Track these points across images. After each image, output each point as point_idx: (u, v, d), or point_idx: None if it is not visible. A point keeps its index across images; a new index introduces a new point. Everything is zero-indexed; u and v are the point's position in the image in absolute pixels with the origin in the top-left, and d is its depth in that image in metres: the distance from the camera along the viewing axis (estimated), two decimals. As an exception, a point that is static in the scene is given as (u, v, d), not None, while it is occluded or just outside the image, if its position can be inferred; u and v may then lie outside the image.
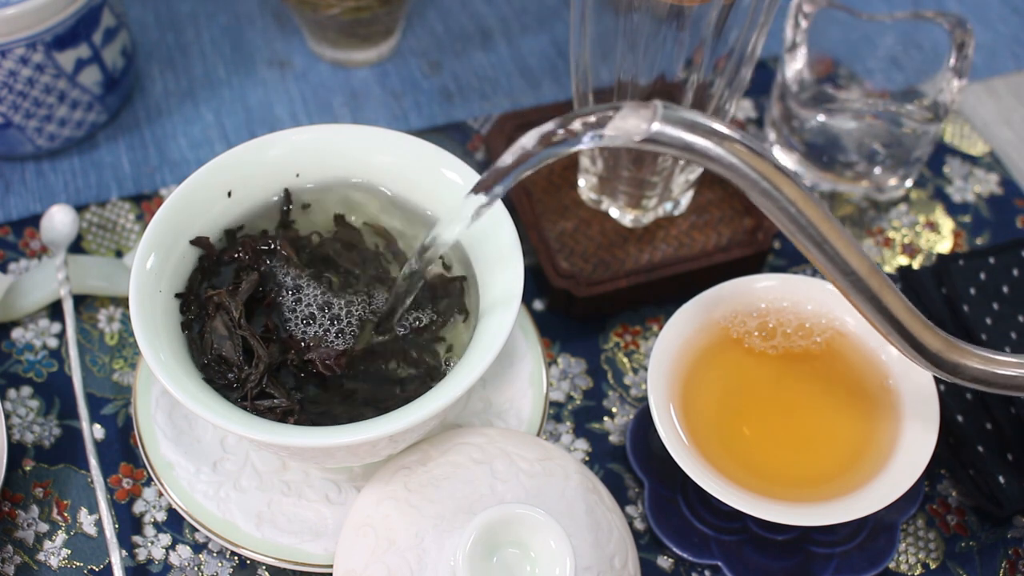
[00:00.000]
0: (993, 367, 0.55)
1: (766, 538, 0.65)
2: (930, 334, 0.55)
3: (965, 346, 0.55)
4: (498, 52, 0.89)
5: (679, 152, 0.50)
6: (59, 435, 0.69)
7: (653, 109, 0.50)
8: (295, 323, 0.60)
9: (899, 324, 0.54)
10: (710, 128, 0.50)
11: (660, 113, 0.50)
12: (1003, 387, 0.55)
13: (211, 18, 0.90)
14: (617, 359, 0.73)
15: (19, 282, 0.72)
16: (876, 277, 0.53)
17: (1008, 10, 0.94)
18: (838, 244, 0.52)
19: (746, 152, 0.50)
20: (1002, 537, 0.67)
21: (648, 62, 0.63)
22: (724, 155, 0.50)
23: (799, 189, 0.51)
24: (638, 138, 0.50)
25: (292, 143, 0.64)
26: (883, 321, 0.54)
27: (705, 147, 0.50)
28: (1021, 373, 0.55)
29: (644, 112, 0.50)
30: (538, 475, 0.60)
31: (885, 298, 0.53)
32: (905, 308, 0.54)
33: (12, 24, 0.71)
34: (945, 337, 0.55)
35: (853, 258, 0.53)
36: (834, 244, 0.52)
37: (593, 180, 0.74)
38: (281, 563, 0.62)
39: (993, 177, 0.83)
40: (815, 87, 0.76)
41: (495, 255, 0.60)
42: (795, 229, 0.52)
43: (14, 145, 0.79)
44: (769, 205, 0.51)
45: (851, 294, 0.54)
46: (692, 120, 0.50)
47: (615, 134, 0.50)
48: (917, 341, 0.54)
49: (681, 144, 0.50)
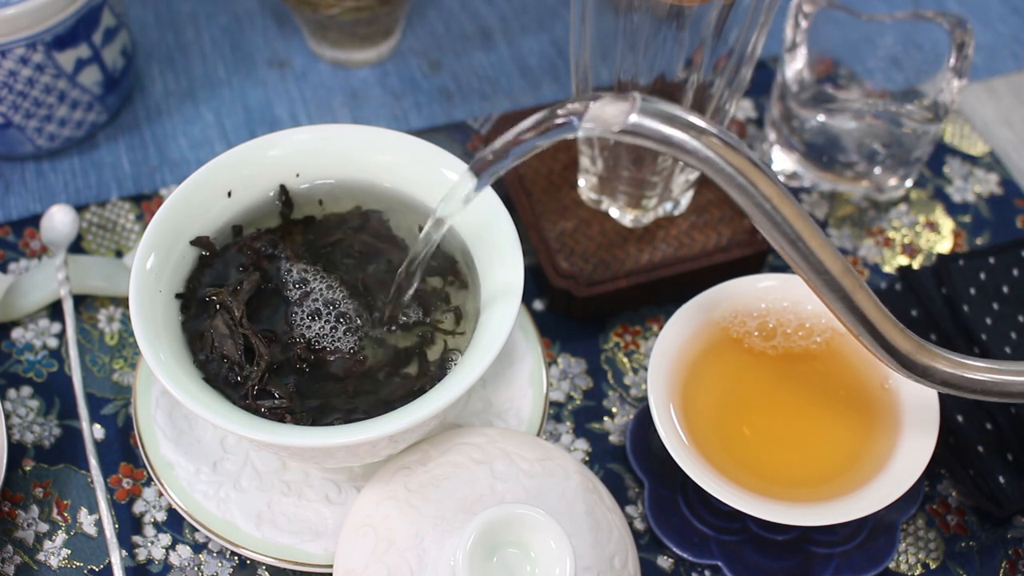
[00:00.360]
0: (962, 371, 0.55)
1: (766, 538, 0.65)
2: (900, 336, 0.54)
3: (935, 349, 0.55)
4: (498, 52, 0.89)
5: (657, 145, 0.50)
6: (59, 435, 0.69)
7: (632, 101, 0.50)
8: (300, 319, 0.60)
9: (870, 324, 0.54)
10: (687, 121, 0.50)
11: (638, 105, 0.50)
12: (972, 391, 0.55)
13: (211, 18, 0.90)
14: (617, 359, 0.73)
15: (19, 282, 0.72)
16: (848, 277, 0.53)
17: (1008, 10, 0.94)
18: (812, 242, 0.52)
19: (722, 146, 0.50)
20: (1002, 537, 0.67)
21: (648, 62, 0.63)
22: (700, 148, 0.50)
23: (775, 185, 0.51)
24: (616, 128, 0.50)
25: (292, 143, 0.64)
26: (854, 321, 0.54)
27: (682, 140, 0.50)
28: (990, 378, 0.55)
29: (623, 104, 0.50)
30: (538, 475, 0.60)
31: (857, 298, 0.53)
32: (877, 309, 0.54)
33: (12, 24, 0.71)
34: (915, 339, 0.55)
35: (827, 257, 0.52)
36: (808, 242, 0.52)
37: (593, 180, 0.74)
38: (281, 563, 0.62)
39: (993, 177, 0.83)
40: (815, 87, 0.76)
41: (495, 255, 0.60)
42: (770, 226, 0.52)
43: (14, 145, 0.79)
44: (744, 201, 0.51)
45: (823, 293, 0.53)
46: (670, 113, 0.50)
47: (593, 124, 0.50)
48: (887, 342, 0.54)
49: (659, 136, 0.50)
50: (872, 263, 0.79)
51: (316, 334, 0.59)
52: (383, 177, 0.64)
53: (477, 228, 0.61)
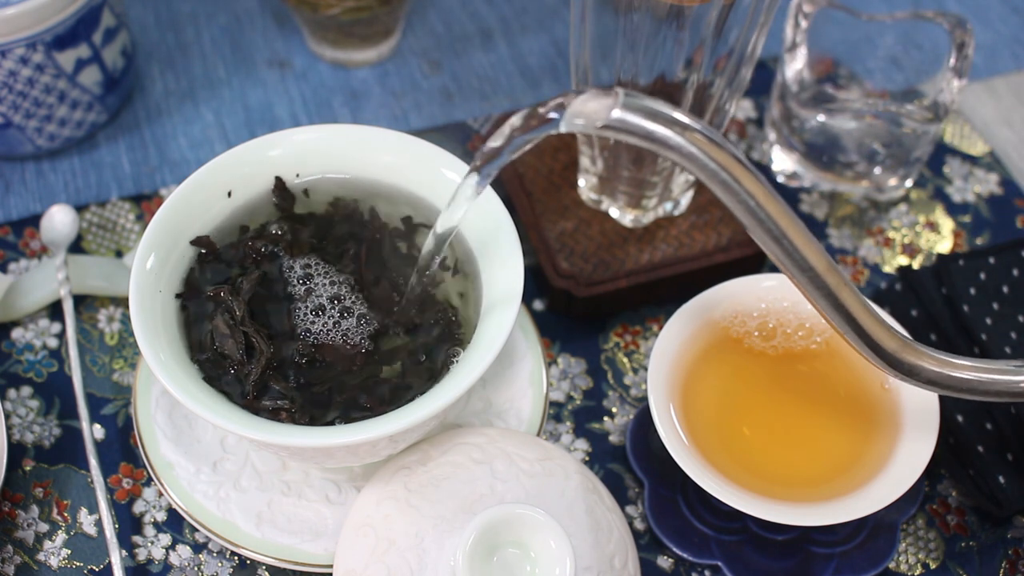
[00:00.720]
0: (949, 369, 0.54)
1: (766, 538, 0.65)
2: (886, 334, 0.54)
3: (921, 347, 0.55)
4: (498, 52, 0.89)
5: (640, 140, 0.50)
6: (59, 435, 0.69)
7: (615, 96, 0.50)
8: (304, 314, 0.60)
9: (855, 323, 0.53)
10: (671, 117, 0.50)
11: (621, 100, 0.50)
12: (958, 390, 0.55)
13: (211, 18, 0.90)
14: (617, 359, 0.73)
15: (19, 282, 0.72)
16: (833, 274, 0.52)
17: (1008, 10, 0.94)
18: (796, 239, 0.51)
19: (706, 142, 0.49)
20: (1002, 537, 0.67)
21: (648, 62, 0.63)
22: (684, 144, 0.49)
23: (759, 182, 0.50)
24: (599, 124, 0.50)
25: (292, 143, 0.64)
26: (839, 319, 0.53)
27: (665, 136, 0.49)
28: (976, 376, 0.54)
29: (606, 99, 0.50)
30: (538, 475, 0.60)
31: (842, 296, 0.53)
32: (862, 306, 0.53)
33: (12, 24, 0.71)
34: (902, 337, 0.54)
35: (811, 254, 0.52)
36: (792, 239, 0.51)
37: (593, 180, 0.74)
38: (281, 563, 0.62)
39: (993, 177, 0.83)
40: (815, 87, 0.76)
41: (495, 255, 0.60)
42: (754, 223, 0.51)
43: (14, 145, 0.79)
44: (728, 197, 0.51)
45: (808, 291, 0.53)
46: (653, 108, 0.50)
47: (576, 117, 0.50)
48: (872, 340, 0.54)
49: (642, 132, 0.49)
50: (872, 263, 0.79)
51: (320, 329, 0.59)
52: (383, 177, 0.64)
53: (477, 228, 0.61)
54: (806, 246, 0.52)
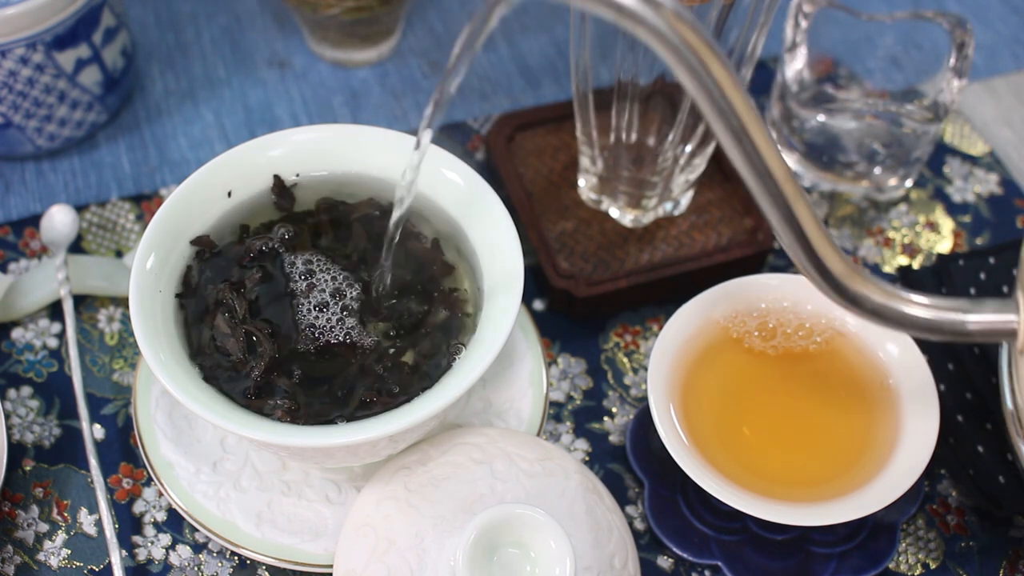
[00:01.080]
0: (895, 303, 0.52)
1: (766, 538, 0.65)
2: (835, 257, 0.52)
3: (870, 277, 0.53)
4: (498, 52, 0.89)
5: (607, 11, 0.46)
6: (59, 435, 0.69)
7: None
8: (306, 310, 0.60)
9: (805, 239, 0.51)
10: None
11: None
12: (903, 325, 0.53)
13: (211, 18, 0.90)
14: (617, 359, 0.73)
15: (19, 282, 0.72)
16: (791, 185, 0.50)
17: (1008, 10, 0.94)
18: (758, 140, 0.48)
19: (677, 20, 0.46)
20: (1002, 537, 0.67)
21: (648, 62, 0.63)
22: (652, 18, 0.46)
23: (728, 72, 0.47)
24: None
25: (292, 143, 0.64)
26: (789, 233, 0.51)
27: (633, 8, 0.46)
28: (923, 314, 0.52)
29: None
30: (538, 475, 0.60)
31: (796, 208, 0.50)
32: (814, 223, 0.51)
33: (12, 24, 0.71)
34: (851, 264, 0.52)
35: (772, 159, 0.49)
36: (754, 139, 0.48)
37: (593, 180, 0.74)
38: (281, 563, 0.62)
39: (993, 177, 0.83)
40: (815, 87, 0.76)
41: (495, 255, 0.60)
42: (715, 114, 0.48)
43: (14, 145, 0.79)
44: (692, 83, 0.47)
45: (762, 199, 0.50)
46: None
47: None
48: (820, 261, 0.51)
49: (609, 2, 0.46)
50: (872, 263, 0.79)
51: (323, 325, 0.59)
52: (383, 176, 0.64)
53: (477, 228, 0.61)
54: (767, 148, 0.49)
